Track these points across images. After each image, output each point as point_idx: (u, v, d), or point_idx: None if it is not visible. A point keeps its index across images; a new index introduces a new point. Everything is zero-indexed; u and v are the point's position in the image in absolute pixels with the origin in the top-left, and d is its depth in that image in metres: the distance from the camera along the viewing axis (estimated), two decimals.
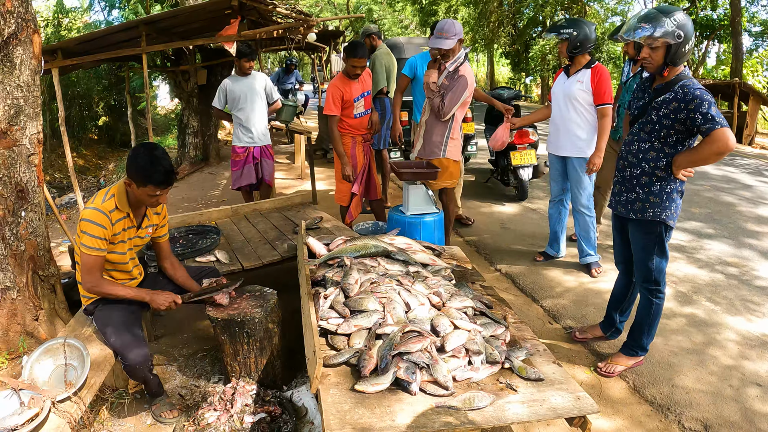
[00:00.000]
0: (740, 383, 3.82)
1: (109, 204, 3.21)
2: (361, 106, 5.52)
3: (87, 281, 3.25)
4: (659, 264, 3.64)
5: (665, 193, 3.47)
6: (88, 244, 3.15)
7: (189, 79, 10.94)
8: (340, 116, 5.47)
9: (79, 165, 14.75)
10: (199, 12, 7.62)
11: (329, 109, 5.39)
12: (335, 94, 5.36)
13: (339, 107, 5.39)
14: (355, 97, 5.45)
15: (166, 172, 3.15)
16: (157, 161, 3.12)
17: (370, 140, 5.81)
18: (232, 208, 5.48)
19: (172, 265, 3.72)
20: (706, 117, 3.10)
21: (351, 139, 5.58)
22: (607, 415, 3.52)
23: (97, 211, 3.16)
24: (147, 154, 3.12)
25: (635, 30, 3.26)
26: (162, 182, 3.16)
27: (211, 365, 4.00)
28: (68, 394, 2.85)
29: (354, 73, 5.35)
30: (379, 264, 3.50)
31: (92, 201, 3.23)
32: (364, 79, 5.55)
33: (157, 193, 3.20)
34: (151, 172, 3.10)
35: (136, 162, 3.12)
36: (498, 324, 3.02)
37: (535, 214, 7.62)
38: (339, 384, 2.50)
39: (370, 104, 5.67)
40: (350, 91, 5.40)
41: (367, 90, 5.58)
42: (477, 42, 31.10)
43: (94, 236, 3.14)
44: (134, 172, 3.13)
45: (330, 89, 5.42)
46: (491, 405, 2.40)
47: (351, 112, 5.48)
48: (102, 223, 3.15)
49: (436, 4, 30.56)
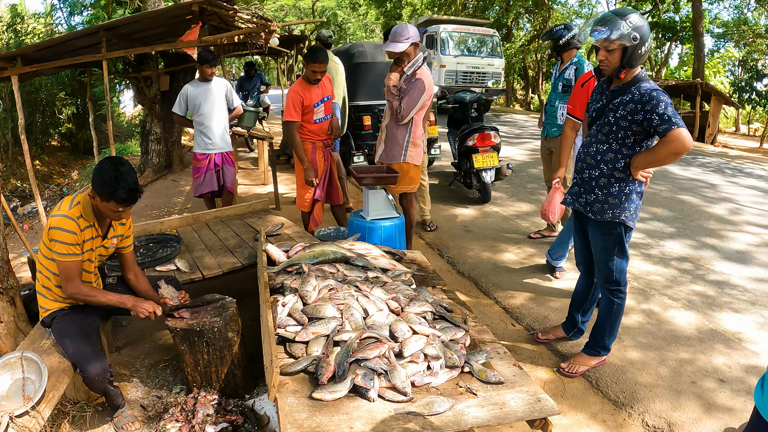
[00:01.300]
0: (701, 378, 3.90)
1: (75, 211, 3.19)
2: (321, 111, 5.52)
3: (67, 288, 3.22)
4: (620, 264, 3.69)
5: (624, 194, 3.50)
6: (63, 251, 3.13)
7: (151, 85, 10.83)
8: (301, 122, 5.46)
9: (42, 173, 14.53)
10: (160, 17, 7.56)
11: (289, 115, 5.37)
12: (295, 99, 5.34)
13: (299, 113, 5.38)
14: (315, 102, 5.44)
15: (130, 190, 3.12)
16: (122, 178, 3.08)
17: (331, 145, 5.81)
18: (193, 216, 5.44)
19: (136, 276, 3.69)
20: (663, 118, 3.15)
21: (311, 144, 5.58)
22: (571, 415, 3.57)
23: (65, 217, 3.14)
24: (112, 170, 3.09)
25: (592, 32, 3.31)
26: (125, 200, 3.13)
27: (173, 375, 3.98)
28: (26, 408, 2.83)
29: (314, 78, 5.33)
30: (338, 270, 3.53)
31: (58, 208, 3.20)
32: (324, 84, 5.54)
33: (120, 210, 3.18)
34: (115, 189, 3.07)
35: (100, 177, 3.09)
36: (458, 328, 3.05)
37: (498, 217, 7.68)
38: (297, 392, 2.51)
39: (330, 109, 5.69)
40: (310, 97, 5.40)
41: (327, 95, 5.58)
42: None
43: (66, 243, 3.12)
44: (98, 186, 3.10)
45: (290, 95, 5.40)
46: (450, 410, 2.42)
47: (311, 118, 5.47)
48: (71, 228, 3.14)
49: (400, 8, 30.60)
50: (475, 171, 7.86)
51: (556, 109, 6.03)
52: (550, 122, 6.13)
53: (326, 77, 5.58)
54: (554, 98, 6.06)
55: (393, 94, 5.06)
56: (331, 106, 5.71)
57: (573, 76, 5.76)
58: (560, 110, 5.96)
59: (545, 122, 6.26)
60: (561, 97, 5.93)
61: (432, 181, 9.45)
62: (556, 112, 6.01)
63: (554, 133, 6.05)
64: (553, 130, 6.08)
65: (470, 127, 8.03)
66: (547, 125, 6.19)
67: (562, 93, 5.90)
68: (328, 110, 5.64)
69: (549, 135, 6.16)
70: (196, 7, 6.78)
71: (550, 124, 6.13)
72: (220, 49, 9.24)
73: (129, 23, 7.55)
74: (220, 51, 9.11)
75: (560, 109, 5.96)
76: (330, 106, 5.67)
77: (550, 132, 6.12)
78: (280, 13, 33.63)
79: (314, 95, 5.44)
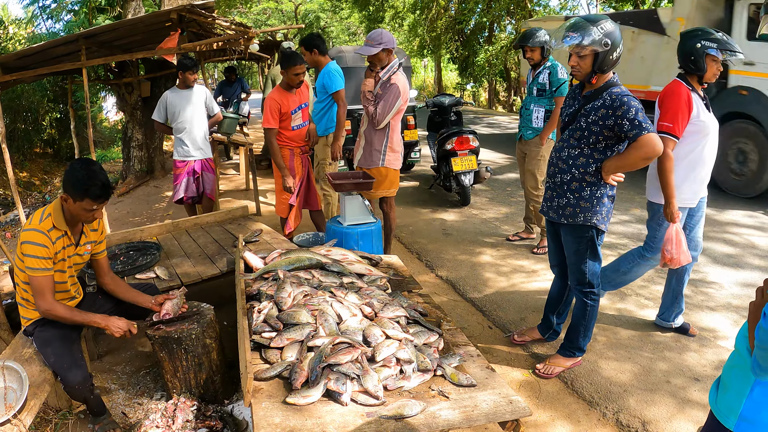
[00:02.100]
0: (675, 377, 3.96)
1: (46, 224, 3.19)
2: (298, 117, 5.59)
3: (41, 305, 3.21)
4: (592, 267, 3.75)
5: (596, 198, 3.56)
6: (34, 266, 3.14)
7: (132, 92, 10.83)
8: (279, 129, 5.52)
9: (25, 180, 14.45)
10: (139, 25, 7.58)
11: (267, 122, 5.44)
12: (272, 106, 5.41)
13: (277, 120, 5.45)
14: (293, 109, 5.52)
15: (103, 185, 3.16)
16: (94, 175, 3.13)
17: (308, 151, 5.87)
18: (173, 223, 5.48)
19: (113, 281, 3.72)
20: (633, 123, 3.22)
21: (289, 151, 5.64)
22: (546, 416, 3.62)
23: (36, 231, 3.15)
24: (84, 169, 3.13)
25: (563, 38, 3.37)
26: (99, 196, 3.17)
27: (154, 382, 4.01)
28: (8, 417, 2.85)
29: (297, 81, 5.43)
30: (314, 276, 3.58)
31: (29, 222, 3.21)
32: (301, 91, 5.62)
33: (94, 208, 3.21)
34: (89, 186, 3.11)
35: (73, 177, 3.13)
36: (431, 332, 3.10)
37: (477, 219, 7.75)
38: (272, 397, 2.56)
39: (307, 116, 5.76)
40: (288, 103, 5.48)
41: (304, 102, 5.65)
42: (425, 48, 31.26)
43: (37, 257, 3.13)
44: (71, 186, 3.13)
45: (267, 102, 5.45)
46: (422, 412, 2.46)
47: (289, 124, 5.55)
48: (42, 242, 3.14)
49: (382, 11, 30.57)
50: (454, 174, 7.94)
51: (531, 112, 6.11)
52: (525, 125, 6.22)
53: (304, 84, 5.64)
54: (529, 101, 6.14)
55: (369, 100, 5.15)
56: (308, 113, 5.77)
57: (547, 80, 5.91)
58: (535, 113, 6.06)
59: (520, 125, 6.34)
60: (536, 101, 6.04)
61: (412, 185, 9.53)
62: (531, 115, 6.10)
63: (529, 135, 6.16)
64: (528, 132, 6.17)
65: (449, 130, 8.11)
66: (522, 128, 6.29)
67: (537, 96, 6.03)
68: (306, 117, 5.71)
69: (524, 137, 6.24)
70: (174, 15, 6.80)
71: (525, 127, 6.22)
72: (201, 56, 9.26)
73: (108, 31, 7.56)
74: (200, 57, 9.13)
75: (535, 112, 6.06)
76: (307, 113, 5.72)
77: (525, 134, 6.22)
78: (262, 16, 33.54)
79: (291, 102, 5.51)
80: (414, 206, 8.34)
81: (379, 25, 29.88)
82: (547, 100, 5.99)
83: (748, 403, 1.76)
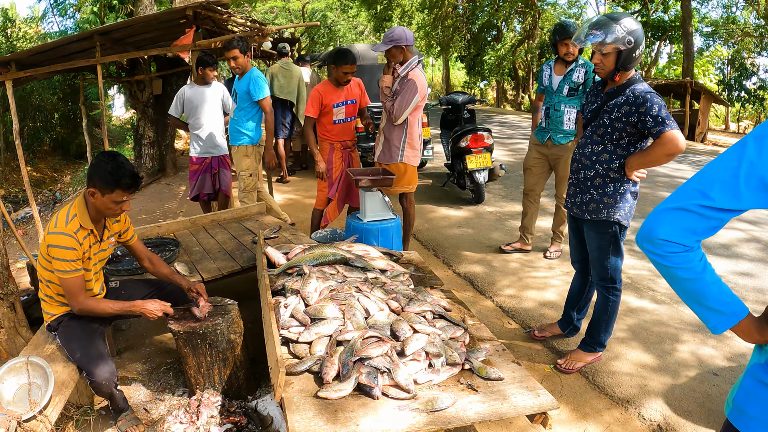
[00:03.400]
0: (695, 371, 3.97)
1: (73, 225, 3.16)
2: (341, 113, 5.58)
3: (75, 305, 3.21)
4: (615, 263, 3.74)
5: (619, 194, 3.56)
6: (65, 268, 3.11)
7: (144, 89, 10.82)
8: (321, 121, 5.56)
9: (34, 178, 14.47)
10: (154, 22, 7.59)
11: (307, 111, 5.50)
12: (314, 96, 5.44)
13: (317, 110, 5.46)
14: (336, 103, 5.50)
15: (133, 175, 3.16)
16: (122, 166, 3.12)
17: (351, 147, 5.83)
18: (190, 220, 5.47)
19: (151, 262, 3.70)
20: (657, 119, 3.21)
21: (329, 144, 5.63)
22: (568, 411, 3.61)
23: (64, 235, 3.11)
24: (111, 161, 3.12)
25: (587, 36, 3.36)
26: (130, 186, 3.16)
27: (175, 378, 4.01)
28: (33, 413, 2.85)
29: (345, 79, 5.42)
30: (338, 271, 3.56)
31: (54, 225, 3.16)
32: (350, 87, 5.62)
33: (124, 198, 3.19)
34: (119, 177, 3.10)
35: (100, 169, 3.10)
36: (457, 326, 3.09)
37: (492, 217, 7.74)
38: (302, 391, 2.55)
39: (353, 113, 5.73)
40: (330, 97, 5.48)
41: (351, 99, 5.62)
42: (432, 47, 31.29)
43: (67, 260, 3.10)
44: (100, 179, 3.11)
45: (311, 93, 5.51)
46: (453, 405, 2.46)
47: (330, 118, 5.56)
48: (71, 245, 3.11)
49: (390, 10, 30.59)
50: (468, 172, 7.93)
51: (562, 114, 5.59)
52: (554, 128, 5.66)
53: (357, 82, 5.70)
54: (558, 101, 5.60)
55: (386, 96, 5.16)
56: (356, 109, 5.77)
57: (582, 79, 5.44)
58: (567, 115, 5.56)
59: (547, 127, 5.74)
60: (566, 101, 5.54)
61: (425, 182, 9.52)
62: (562, 117, 5.58)
63: (560, 140, 5.64)
64: (558, 136, 5.64)
65: (463, 128, 8.10)
66: (552, 131, 5.70)
67: (568, 96, 5.52)
68: (350, 113, 5.68)
69: (554, 141, 5.69)
70: (190, 12, 6.81)
71: (554, 130, 5.67)
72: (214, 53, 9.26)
73: (123, 27, 7.57)
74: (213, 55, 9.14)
75: (567, 114, 5.55)
76: (354, 110, 5.72)
77: (555, 139, 5.67)
78: (270, 15, 33.52)
79: (335, 96, 5.51)
80: (428, 203, 8.33)
81: (388, 24, 29.88)
82: (578, 100, 5.49)
83: (739, 392, 1.73)
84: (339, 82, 5.46)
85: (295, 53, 15.51)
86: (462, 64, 33.37)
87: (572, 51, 5.43)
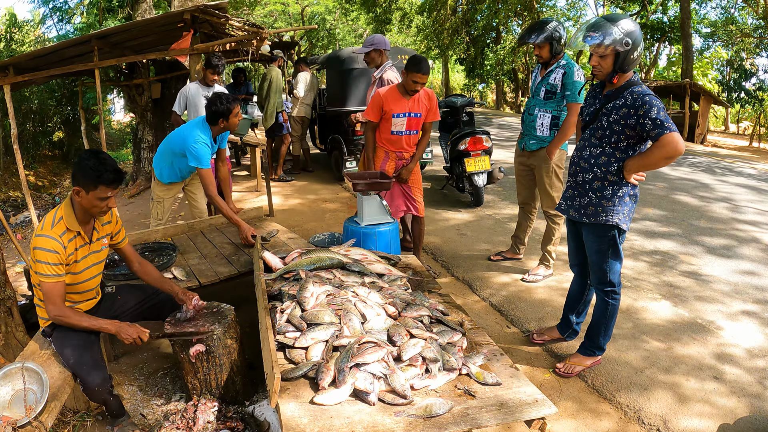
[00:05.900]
0: (696, 375, 3.96)
1: (58, 228, 3.15)
2: (401, 124, 5.27)
3: (51, 311, 3.16)
4: (613, 266, 3.72)
5: (617, 197, 3.54)
6: (45, 272, 3.09)
7: (143, 93, 10.83)
8: (380, 129, 5.40)
9: (34, 182, 14.49)
10: (152, 26, 7.59)
11: (366, 114, 5.34)
12: (375, 100, 5.23)
13: (376, 114, 5.28)
14: (396, 113, 5.21)
15: (115, 170, 3.13)
16: (104, 162, 3.10)
17: (408, 160, 5.51)
18: (188, 224, 5.45)
19: (142, 268, 3.69)
20: (656, 122, 3.19)
21: (384, 153, 5.46)
22: (568, 415, 3.60)
23: (47, 237, 3.09)
24: (92, 158, 3.10)
25: (584, 38, 3.36)
26: (113, 180, 3.13)
27: (172, 383, 3.99)
28: (29, 419, 2.83)
29: (413, 88, 5.04)
30: (335, 276, 3.55)
31: (41, 227, 3.16)
32: (419, 99, 5.25)
33: (108, 195, 3.16)
34: (101, 172, 3.07)
35: (83, 167, 3.09)
36: (454, 331, 3.09)
37: (491, 220, 7.73)
38: (298, 397, 2.54)
39: (415, 126, 5.37)
40: (391, 105, 5.19)
41: (416, 112, 5.26)
42: (432, 49, 31.30)
43: (48, 263, 3.08)
44: (83, 176, 3.09)
45: (374, 95, 5.32)
46: (450, 411, 2.46)
47: (389, 127, 5.30)
48: (53, 248, 3.09)
49: (390, 13, 30.61)
50: (467, 175, 7.92)
51: (534, 118, 5.23)
52: (527, 133, 5.34)
53: (427, 94, 5.33)
54: (533, 105, 5.28)
55: None
56: (419, 123, 5.40)
57: (560, 81, 5.01)
58: (540, 119, 5.19)
59: (522, 132, 5.46)
60: (541, 104, 5.18)
61: (424, 185, 9.48)
62: (535, 122, 5.22)
63: (532, 146, 5.30)
64: (531, 142, 5.31)
65: (462, 131, 8.09)
66: (525, 136, 5.39)
67: (544, 100, 5.14)
68: (412, 126, 5.34)
69: (526, 147, 5.39)
70: (188, 15, 6.81)
71: (527, 136, 5.34)
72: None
73: (121, 31, 7.57)
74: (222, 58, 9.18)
75: (540, 119, 5.19)
76: (417, 124, 5.37)
77: (528, 144, 5.35)
78: (269, 19, 33.50)
79: (397, 105, 5.20)
80: (427, 207, 8.26)
81: (387, 27, 29.90)
82: (555, 104, 5.10)
83: None
84: (406, 90, 5.12)
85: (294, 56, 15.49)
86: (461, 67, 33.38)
87: (538, 53, 5.08)
